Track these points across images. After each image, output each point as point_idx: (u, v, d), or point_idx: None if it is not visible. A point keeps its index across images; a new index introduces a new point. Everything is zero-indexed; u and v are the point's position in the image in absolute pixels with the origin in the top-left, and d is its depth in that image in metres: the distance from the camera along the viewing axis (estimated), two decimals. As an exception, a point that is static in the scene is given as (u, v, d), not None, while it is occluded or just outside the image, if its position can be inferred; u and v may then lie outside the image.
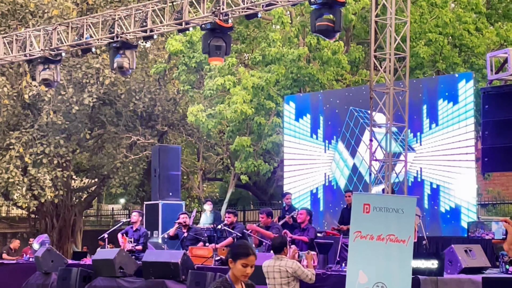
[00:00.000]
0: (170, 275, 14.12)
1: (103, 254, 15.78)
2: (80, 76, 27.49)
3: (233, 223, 15.59)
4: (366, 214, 11.27)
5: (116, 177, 29.99)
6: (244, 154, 25.02)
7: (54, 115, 27.25)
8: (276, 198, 39.35)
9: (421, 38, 23.92)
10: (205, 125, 24.57)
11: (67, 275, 15.70)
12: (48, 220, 32.48)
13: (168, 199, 20.82)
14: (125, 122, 29.94)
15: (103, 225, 45.95)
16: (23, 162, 27.49)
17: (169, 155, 21.57)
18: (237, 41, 26.77)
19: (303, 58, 24.57)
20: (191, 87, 26.99)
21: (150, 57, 30.35)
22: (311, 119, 21.49)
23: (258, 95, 24.26)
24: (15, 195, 28.71)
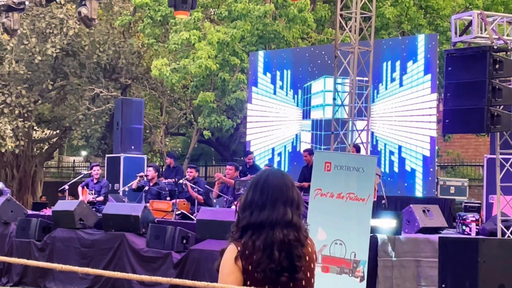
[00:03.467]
0: (130, 228, 14.18)
1: (63, 205, 15.76)
2: (44, 26, 27.14)
3: (194, 178, 15.67)
4: (327, 172, 11.40)
5: (78, 129, 29.79)
6: (208, 110, 25.00)
7: (16, 65, 26.92)
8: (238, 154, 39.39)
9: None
10: (169, 80, 24.46)
11: (26, 225, 15.69)
12: (8, 170, 32.23)
13: (130, 152, 20.79)
14: (88, 74, 29.66)
15: (64, 176, 45.75)
16: (-16, 111, 27.24)
17: (132, 108, 21.48)
18: (204, -5, 26.61)
19: (269, 15, 24.49)
20: (155, 41, 26.80)
21: (115, 9, 30.02)
22: (277, 77, 21.50)
23: (223, 51, 24.18)
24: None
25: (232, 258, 3.75)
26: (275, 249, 3.71)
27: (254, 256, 3.70)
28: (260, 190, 3.81)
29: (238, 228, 3.82)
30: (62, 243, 15.04)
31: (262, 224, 3.74)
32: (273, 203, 3.78)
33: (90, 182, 17.21)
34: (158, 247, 13.53)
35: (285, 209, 3.80)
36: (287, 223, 3.78)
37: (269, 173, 3.89)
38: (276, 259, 3.71)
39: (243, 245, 3.75)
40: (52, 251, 15.11)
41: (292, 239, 3.76)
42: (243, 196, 3.90)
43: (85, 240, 14.76)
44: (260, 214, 3.75)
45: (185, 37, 24.23)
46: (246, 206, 3.82)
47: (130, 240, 14.05)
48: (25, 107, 28.15)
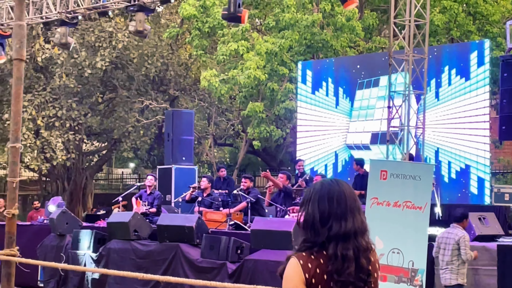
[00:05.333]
0: (185, 239, 14.21)
1: (118, 217, 15.87)
2: (93, 40, 27.47)
3: (249, 188, 15.67)
4: (383, 180, 11.34)
5: (128, 141, 30.05)
6: (257, 120, 25.04)
7: (66, 79, 27.27)
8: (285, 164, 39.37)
9: (436, 6, 23.81)
10: (218, 91, 24.56)
11: (81, 237, 15.81)
12: (59, 183, 32.61)
13: (181, 164, 20.86)
14: (137, 86, 29.94)
15: (113, 188, 46.15)
16: (36, 125, 27.56)
17: (182, 119, 21.57)
18: (250, 6, 26.68)
19: (317, 24, 24.49)
20: (203, 52, 26.93)
21: (162, 21, 30.27)
22: (326, 86, 21.45)
23: (271, 61, 24.23)
24: (27, 157, 28.78)
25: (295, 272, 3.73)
26: (362, 257, 3.72)
27: (347, 267, 3.69)
28: (336, 200, 3.79)
29: (314, 242, 3.78)
30: (117, 254, 15.13)
31: (347, 234, 3.73)
32: (352, 212, 3.78)
33: (144, 193, 17.31)
34: (212, 258, 13.55)
35: (361, 216, 3.80)
36: (365, 230, 3.79)
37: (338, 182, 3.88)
38: (364, 267, 3.72)
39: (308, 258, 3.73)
40: (107, 262, 15.20)
41: (370, 246, 3.78)
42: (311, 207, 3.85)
43: (140, 251, 14.83)
44: (342, 224, 3.74)
45: (233, 48, 24.32)
46: (325, 217, 3.79)
47: (184, 250, 14.09)
48: (76, 120, 28.47)
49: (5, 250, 7.16)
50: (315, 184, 3.98)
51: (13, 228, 7.24)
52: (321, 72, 21.80)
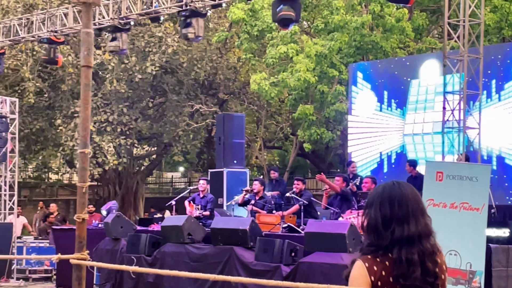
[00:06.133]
0: (239, 242, 14.23)
1: (172, 220, 15.97)
2: (143, 45, 27.70)
3: (301, 191, 15.66)
4: (439, 182, 11.27)
5: (178, 145, 30.26)
6: (307, 122, 25.04)
7: (117, 84, 27.53)
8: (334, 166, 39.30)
9: (487, 5, 23.57)
10: (268, 94, 24.60)
11: (136, 241, 15.93)
12: (111, 187, 32.95)
13: (232, 167, 20.91)
14: (186, 90, 30.13)
15: (163, 192, 46.49)
16: (88, 130, 27.80)
17: (233, 123, 21.64)
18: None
19: (367, 26, 24.42)
20: (252, 56, 27.01)
21: (210, 25, 30.42)
22: (376, 87, 21.36)
23: (321, 64, 24.21)
24: (79, 162, 29.08)
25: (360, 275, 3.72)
26: (427, 260, 3.70)
27: (413, 271, 3.68)
28: (398, 203, 3.78)
29: (378, 245, 3.78)
30: (172, 257, 15.21)
31: (410, 237, 3.72)
32: (414, 215, 3.75)
33: (197, 197, 17.38)
34: (267, 260, 13.55)
35: (424, 219, 3.78)
36: (429, 233, 3.77)
37: (400, 185, 3.86)
38: (430, 270, 3.70)
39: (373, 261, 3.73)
40: (162, 266, 15.28)
41: (436, 249, 3.76)
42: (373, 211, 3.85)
43: (194, 254, 14.89)
44: (405, 228, 3.73)
45: (283, 51, 24.35)
46: (387, 221, 3.78)
47: (238, 253, 14.11)
48: (127, 125, 28.73)
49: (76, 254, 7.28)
50: (377, 187, 3.98)
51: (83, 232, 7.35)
52: (371, 73, 21.72)
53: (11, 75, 28.51)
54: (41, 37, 18.56)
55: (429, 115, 19.79)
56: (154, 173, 45.20)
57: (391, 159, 20.87)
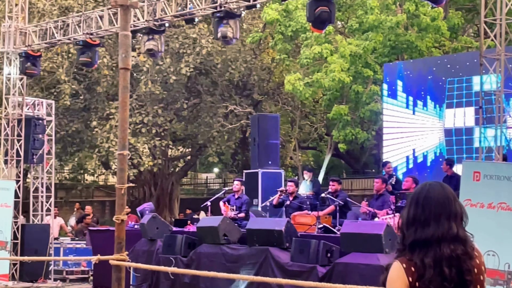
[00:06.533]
0: (274, 243, 14.22)
1: (207, 221, 16.00)
2: (177, 46, 27.81)
3: (337, 191, 15.62)
4: (477, 182, 11.19)
5: (212, 146, 30.33)
6: (342, 123, 24.98)
7: (152, 85, 27.65)
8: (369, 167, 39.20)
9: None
10: (302, 94, 24.58)
11: (172, 242, 15.98)
12: (146, 189, 33.11)
13: (267, 168, 20.87)
14: (221, 91, 30.19)
15: (198, 193, 46.61)
16: (123, 131, 27.96)
17: (268, 123, 21.59)
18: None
19: (401, 25, 24.30)
20: (287, 56, 27.00)
21: (244, 26, 30.45)
22: (411, 87, 21.24)
23: (355, 63, 24.14)
24: (115, 164, 29.26)
25: (398, 276, 3.70)
26: (444, 265, 3.65)
27: (425, 274, 3.65)
28: (422, 205, 3.75)
29: (404, 245, 3.78)
30: (208, 258, 15.24)
31: (428, 240, 3.68)
32: (436, 218, 3.71)
33: (232, 198, 17.40)
34: (302, 261, 13.53)
35: (449, 223, 3.72)
36: (453, 237, 3.71)
37: (429, 187, 3.83)
38: (448, 276, 3.65)
39: (409, 262, 3.71)
40: (198, 266, 15.31)
41: (460, 253, 3.68)
42: (404, 211, 3.85)
43: (230, 255, 14.90)
44: (425, 230, 3.70)
45: (317, 51, 24.32)
46: (410, 222, 3.77)
47: (274, 254, 14.10)
48: (161, 126, 28.85)
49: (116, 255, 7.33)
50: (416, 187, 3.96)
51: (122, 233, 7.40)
52: (406, 73, 21.60)
53: (47, 78, 28.76)
54: (77, 40, 18.69)
55: (467, 114, 19.64)
56: (189, 174, 45.32)
57: (427, 158, 20.74)
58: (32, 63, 19.90)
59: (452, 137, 20.12)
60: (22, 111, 20.51)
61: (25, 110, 20.65)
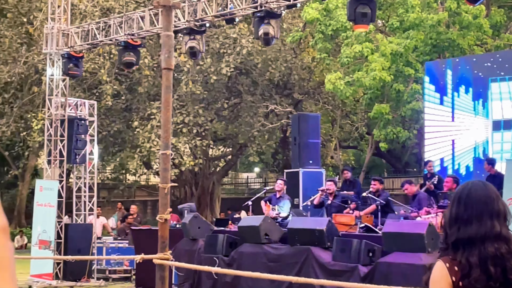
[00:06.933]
0: (316, 242, 14.20)
1: (249, 221, 16.02)
2: (218, 46, 27.89)
3: (378, 191, 15.56)
4: (520, 180, 11.06)
5: (253, 145, 30.35)
6: (383, 121, 24.86)
7: (192, 85, 27.76)
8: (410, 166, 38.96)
9: None
10: (343, 93, 24.51)
11: (213, 241, 16.02)
12: (187, 188, 33.24)
13: (308, 167, 20.83)
14: (261, 91, 30.22)
15: (239, 193, 46.69)
16: (164, 132, 28.09)
17: (308, 123, 21.56)
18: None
19: (443, 23, 24.13)
20: (327, 55, 26.94)
21: (285, 26, 30.43)
22: (453, 85, 21.08)
23: (396, 62, 24.01)
24: (156, 164, 29.46)
25: (442, 275, 3.68)
26: (490, 264, 3.62)
27: (471, 274, 3.63)
28: (464, 204, 3.73)
29: (447, 244, 3.76)
30: (249, 257, 15.25)
31: (471, 239, 3.66)
32: (478, 217, 3.69)
33: (273, 197, 17.39)
34: (344, 261, 13.49)
35: (492, 222, 3.69)
36: (496, 236, 3.68)
37: (472, 185, 3.81)
38: (493, 275, 3.62)
39: (452, 261, 3.68)
40: (239, 266, 15.33)
41: (504, 252, 3.66)
42: (447, 210, 3.84)
43: (272, 254, 14.91)
44: (467, 229, 3.68)
45: (357, 50, 24.23)
46: (452, 221, 3.75)
47: (316, 254, 14.08)
48: (202, 126, 28.94)
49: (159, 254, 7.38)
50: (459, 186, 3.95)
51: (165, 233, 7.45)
52: (448, 71, 21.44)
53: (89, 78, 29.01)
54: (118, 41, 18.82)
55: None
56: (230, 173, 45.43)
57: (470, 157, 20.57)
58: (74, 64, 20.08)
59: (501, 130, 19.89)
60: (65, 112, 20.70)
61: (67, 111, 20.84)
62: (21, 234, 35.03)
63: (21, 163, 36.71)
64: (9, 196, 43.59)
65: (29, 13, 29.39)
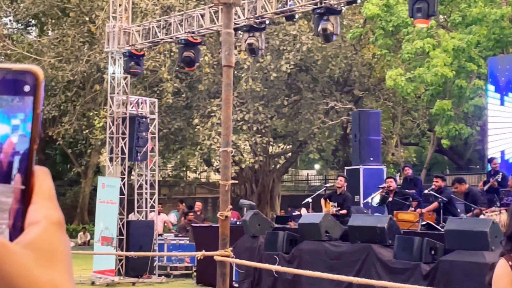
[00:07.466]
0: (377, 240, 14.11)
1: (309, 218, 15.99)
2: (278, 43, 27.87)
3: (440, 188, 15.37)
4: None
5: (313, 143, 30.28)
6: (445, 118, 24.58)
7: (252, 83, 27.78)
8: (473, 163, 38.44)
9: None
10: (404, 90, 24.28)
11: (274, 239, 16.02)
12: (247, 186, 33.30)
13: (368, 164, 20.71)
14: (321, 88, 30.13)
15: (299, 190, 46.63)
16: (224, 129, 28.19)
17: (369, 119, 21.44)
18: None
19: (506, 18, 23.73)
20: (388, 52, 26.72)
21: (345, 22, 30.30)
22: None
23: (458, 58, 23.70)
24: (216, 161, 29.57)
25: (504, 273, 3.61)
26: None
27: None
28: None
29: (509, 239, 3.68)
30: (309, 255, 15.22)
31: None
32: None
33: (333, 194, 17.33)
34: (405, 258, 13.37)
35: None
36: None
37: None
38: None
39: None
40: (300, 263, 15.32)
41: None
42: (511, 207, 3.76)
43: (332, 252, 14.85)
44: None
45: (419, 45, 23.97)
46: None
47: (377, 251, 13.99)
48: (262, 124, 28.96)
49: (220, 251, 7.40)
50: None
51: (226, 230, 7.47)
52: None
53: (150, 76, 29.24)
54: (179, 38, 18.93)
55: None
56: (290, 170, 45.39)
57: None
58: (135, 62, 20.27)
59: None
60: (126, 110, 20.91)
61: (129, 108, 21.04)
62: (84, 230, 35.50)
63: (83, 160, 37.20)
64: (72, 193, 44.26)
65: (91, 12, 29.75)
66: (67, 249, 0.80)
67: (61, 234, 0.79)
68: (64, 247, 0.79)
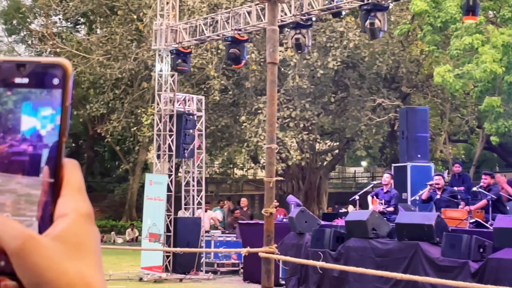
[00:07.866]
0: (424, 237, 14.02)
1: (356, 215, 15.94)
2: (324, 40, 27.80)
3: (489, 185, 15.23)
4: None
5: (360, 140, 30.16)
6: (494, 115, 24.29)
7: (299, 80, 27.74)
8: (523, 160, 37.92)
9: None
10: (452, 86, 24.04)
11: (320, 236, 16.01)
12: (294, 183, 33.28)
13: (416, 161, 20.56)
14: (368, 85, 29.98)
15: (346, 187, 46.51)
16: (273, 126, 28.20)
17: (416, 116, 21.29)
18: (484, -2, 25.93)
19: (558, 13, 23.41)
20: (436, 48, 26.48)
21: (392, 18, 30.09)
22: None
23: (508, 54, 23.39)
24: (263, 158, 29.57)
25: None
26: None
27: None
28: None
29: None
30: (356, 252, 15.18)
31: None
32: None
33: (380, 192, 17.24)
34: (454, 256, 13.27)
35: None
36: None
37: None
38: None
39: None
40: (346, 261, 15.27)
41: None
42: None
43: (379, 249, 14.79)
44: None
45: (467, 42, 23.72)
46: None
47: (424, 249, 13.90)
48: (309, 121, 28.92)
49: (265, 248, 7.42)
50: None
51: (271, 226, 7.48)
52: None
53: (197, 74, 29.38)
54: (226, 36, 18.99)
55: None
56: (337, 167, 45.28)
57: None
58: (182, 59, 20.39)
59: None
60: (173, 107, 21.04)
61: (176, 106, 21.17)
62: (132, 227, 35.82)
63: (131, 157, 37.54)
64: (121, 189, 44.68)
65: (139, 10, 29.99)
66: (96, 241, 0.80)
67: (90, 226, 0.80)
68: (93, 239, 0.80)
